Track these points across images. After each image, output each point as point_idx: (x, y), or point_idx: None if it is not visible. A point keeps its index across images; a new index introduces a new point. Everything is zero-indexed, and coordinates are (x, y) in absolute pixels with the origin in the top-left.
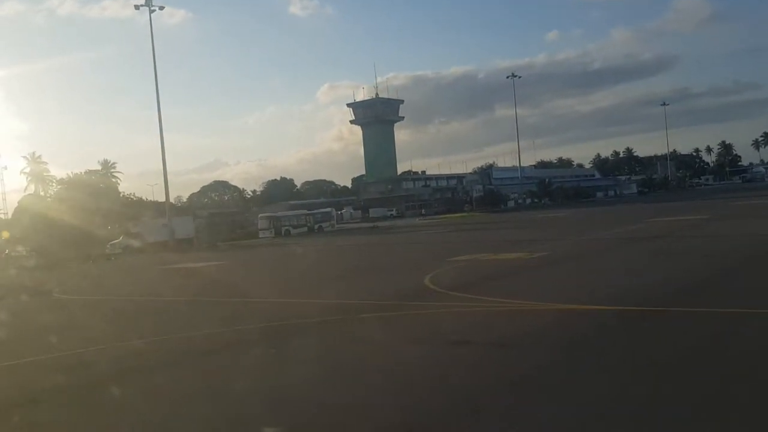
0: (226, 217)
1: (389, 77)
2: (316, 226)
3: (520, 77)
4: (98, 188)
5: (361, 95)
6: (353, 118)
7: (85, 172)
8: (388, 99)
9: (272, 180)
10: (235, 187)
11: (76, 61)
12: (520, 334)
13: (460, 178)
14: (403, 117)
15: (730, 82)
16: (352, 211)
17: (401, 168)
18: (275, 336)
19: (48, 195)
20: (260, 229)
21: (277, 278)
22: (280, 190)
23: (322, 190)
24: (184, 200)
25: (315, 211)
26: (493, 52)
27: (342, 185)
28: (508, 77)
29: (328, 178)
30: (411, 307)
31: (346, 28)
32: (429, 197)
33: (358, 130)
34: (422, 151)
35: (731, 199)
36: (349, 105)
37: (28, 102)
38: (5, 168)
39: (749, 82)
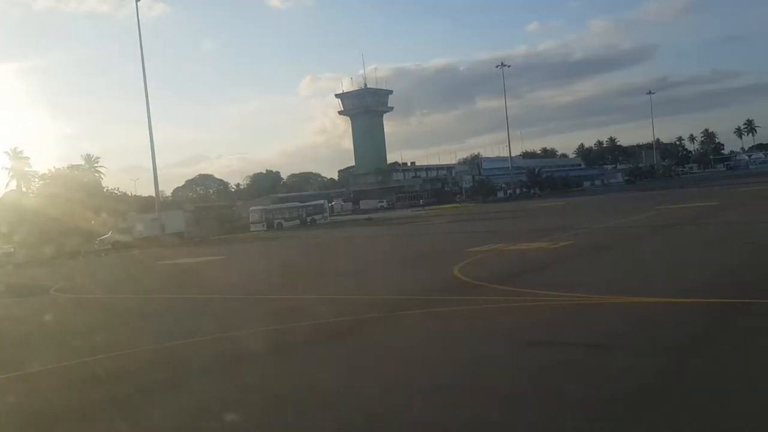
0: (214, 211)
1: (371, 69)
2: (309, 219)
3: (509, 66)
4: (81, 183)
5: (344, 87)
6: (342, 108)
7: (68, 167)
8: (377, 89)
9: (258, 173)
10: (221, 180)
11: (55, 56)
12: (608, 332)
13: (449, 168)
14: (393, 107)
15: (708, 71)
16: (342, 203)
17: (388, 159)
18: (341, 334)
19: (30, 191)
20: (252, 223)
21: (291, 273)
22: (266, 183)
23: (308, 183)
24: (167, 194)
25: (307, 203)
26: (473, 44)
27: (329, 177)
28: (497, 66)
29: (311, 171)
30: (458, 302)
31: (327, 20)
32: (420, 188)
33: (341, 122)
34: (405, 143)
35: (726, 186)
36: (337, 96)
37: (8, 98)
38: None
39: (727, 70)
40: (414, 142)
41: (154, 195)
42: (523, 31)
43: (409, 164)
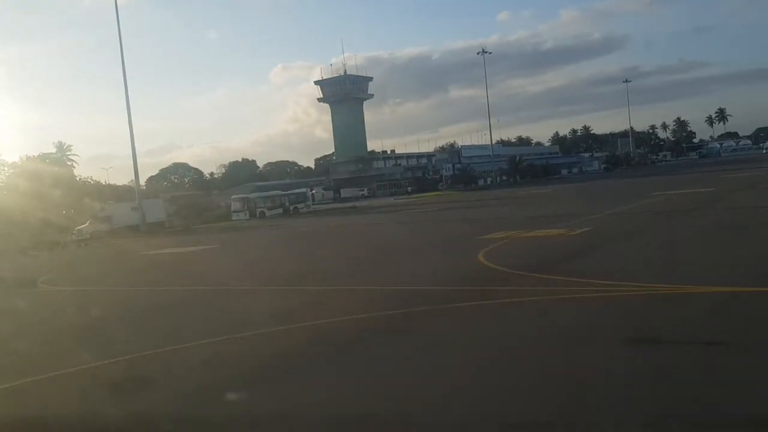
0: (192, 200)
1: (348, 56)
2: (292, 208)
3: (491, 53)
4: (53, 172)
5: (318, 75)
6: (321, 96)
7: (39, 156)
8: (357, 76)
9: (234, 161)
10: (196, 169)
11: (25, 45)
12: (711, 327)
13: (429, 156)
14: (373, 95)
15: (676, 60)
16: (323, 191)
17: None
18: (404, 329)
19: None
20: (234, 211)
21: (295, 262)
22: (242, 171)
23: (285, 172)
24: (140, 184)
25: (289, 191)
26: (445, 33)
27: (306, 166)
28: (478, 53)
29: (287, 160)
30: (508, 293)
31: (298, 8)
32: (400, 176)
33: (314, 111)
34: (379, 132)
35: (708, 173)
36: (317, 83)
37: None
38: None
39: (695, 60)
40: (387, 132)
41: (127, 184)
42: (495, 21)
43: (388, 152)
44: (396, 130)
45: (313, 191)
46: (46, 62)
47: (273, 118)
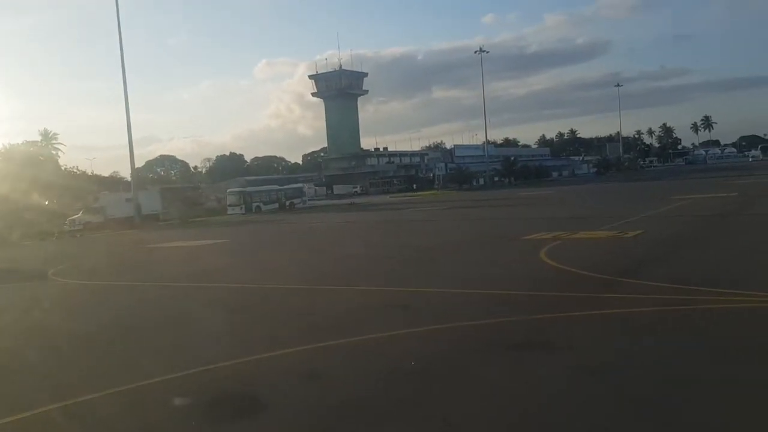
0: (182, 193)
1: (329, 54)
2: (288, 203)
3: (488, 52)
4: (38, 160)
5: (301, 72)
6: (315, 90)
7: (23, 143)
8: (352, 71)
9: (222, 155)
10: (183, 161)
11: (11, 28)
12: None
13: (422, 155)
14: (368, 90)
15: (658, 67)
16: (316, 187)
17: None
18: (542, 343)
19: None
20: (229, 205)
21: (331, 260)
22: (230, 166)
23: (272, 167)
24: (122, 175)
25: (285, 186)
26: (430, 34)
27: (293, 162)
28: (476, 52)
29: (272, 155)
30: (618, 302)
31: (283, 4)
32: (393, 174)
33: (297, 107)
34: (363, 130)
35: (710, 179)
36: (311, 77)
37: None
38: None
39: (677, 67)
40: (371, 130)
41: (111, 175)
42: (480, 23)
43: (381, 149)
44: (380, 129)
45: (306, 187)
46: (27, 49)
47: (256, 113)
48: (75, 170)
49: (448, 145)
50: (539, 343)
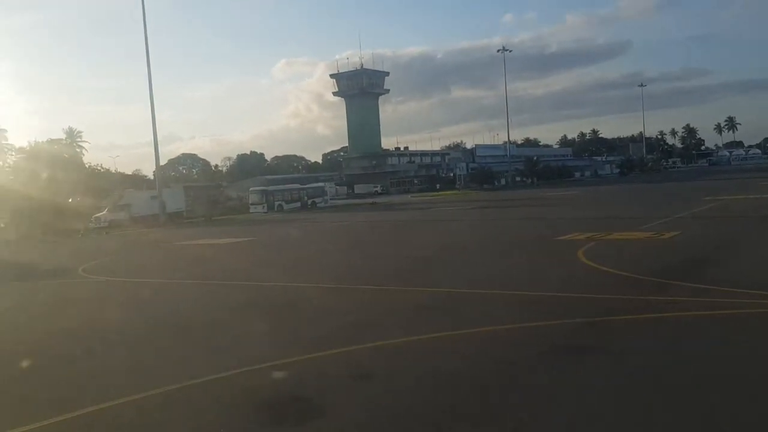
0: (205, 191)
1: (349, 54)
2: (309, 202)
3: (510, 51)
4: (63, 158)
5: (320, 72)
6: (336, 89)
7: (48, 141)
8: (374, 71)
9: (243, 154)
10: (204, 160)
11: (32, 23)
12: None
13: (443, 155)
14: (389, 89)
15: (679, 67)
16: (336, 187)
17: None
18: (607, 346)
19: (7, 165)
20: (252, 204)
21: (370, 260)
22: (250, 164)
23: (292, 166)
24: (145, 174)
25: (307, 186)
26: (449, 33)
27: (312, 161)
28: (498, 51)
29: (291, 154)
30: (671, 305)
31: (302, 4)
32: (414, 174)
33: (315, 107)
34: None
35: (736, 180)
36: (332, 76)
37: None
38: None
39: (698, 68)
40: (389, 130)
41: (134, 173)
42: (499, 22)
43: (402, 149)
44: (398, 128)
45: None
46: (48, 45)
47: (275, 112)
48: (99, 168)
49: (468, 145)
50: (602, 348)
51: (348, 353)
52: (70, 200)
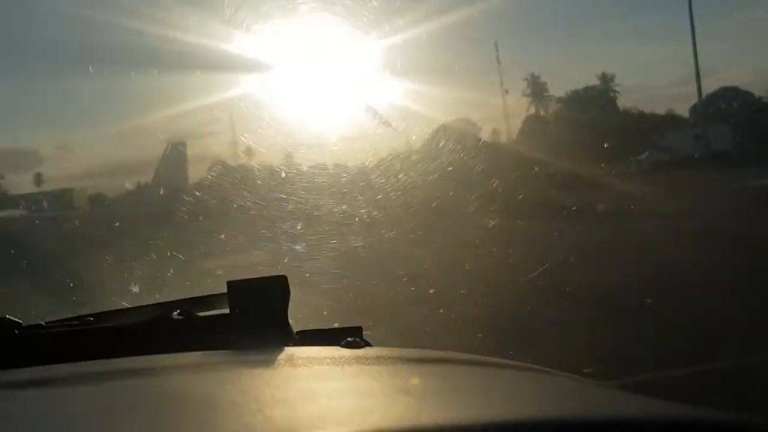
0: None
1: None
2: None
3: None
4: (597, 104)
5: None
6: None
7: (584, 89)
8: None
9: None
10: (747, 92)
11: None
12: None
13: None
14: None
15: None
16: None
17: None
18: None
19: (547, 115)
20: None
21: None
22: None
23: None
24: (676, 113)
25: None
26: None
27: None
28: None
29: None
30: None
31: None
32: None
33: None
34: None
35: None
36: None
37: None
38: (507, 92)
39: None
40: None
41: (667, 112)
42: None
43: None
44: None
45: None
46: None
47: None
48: (633, 110)
49: None
50: None
51: None
52: (605, 146)
